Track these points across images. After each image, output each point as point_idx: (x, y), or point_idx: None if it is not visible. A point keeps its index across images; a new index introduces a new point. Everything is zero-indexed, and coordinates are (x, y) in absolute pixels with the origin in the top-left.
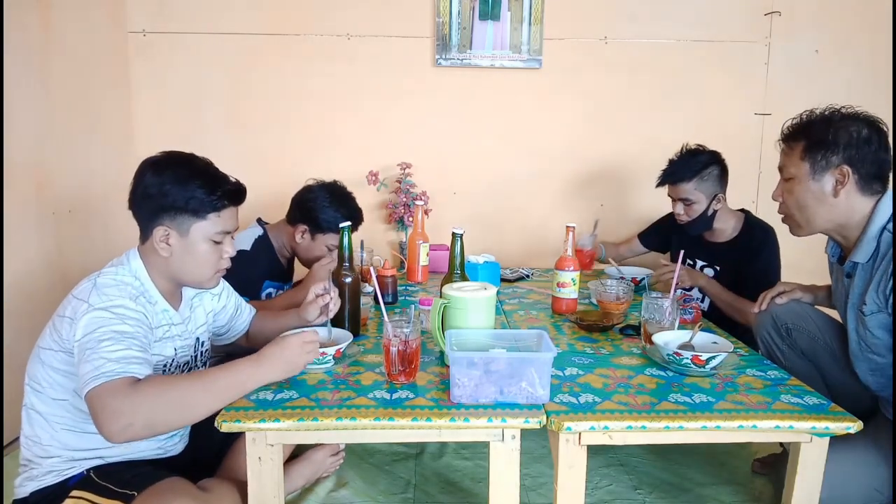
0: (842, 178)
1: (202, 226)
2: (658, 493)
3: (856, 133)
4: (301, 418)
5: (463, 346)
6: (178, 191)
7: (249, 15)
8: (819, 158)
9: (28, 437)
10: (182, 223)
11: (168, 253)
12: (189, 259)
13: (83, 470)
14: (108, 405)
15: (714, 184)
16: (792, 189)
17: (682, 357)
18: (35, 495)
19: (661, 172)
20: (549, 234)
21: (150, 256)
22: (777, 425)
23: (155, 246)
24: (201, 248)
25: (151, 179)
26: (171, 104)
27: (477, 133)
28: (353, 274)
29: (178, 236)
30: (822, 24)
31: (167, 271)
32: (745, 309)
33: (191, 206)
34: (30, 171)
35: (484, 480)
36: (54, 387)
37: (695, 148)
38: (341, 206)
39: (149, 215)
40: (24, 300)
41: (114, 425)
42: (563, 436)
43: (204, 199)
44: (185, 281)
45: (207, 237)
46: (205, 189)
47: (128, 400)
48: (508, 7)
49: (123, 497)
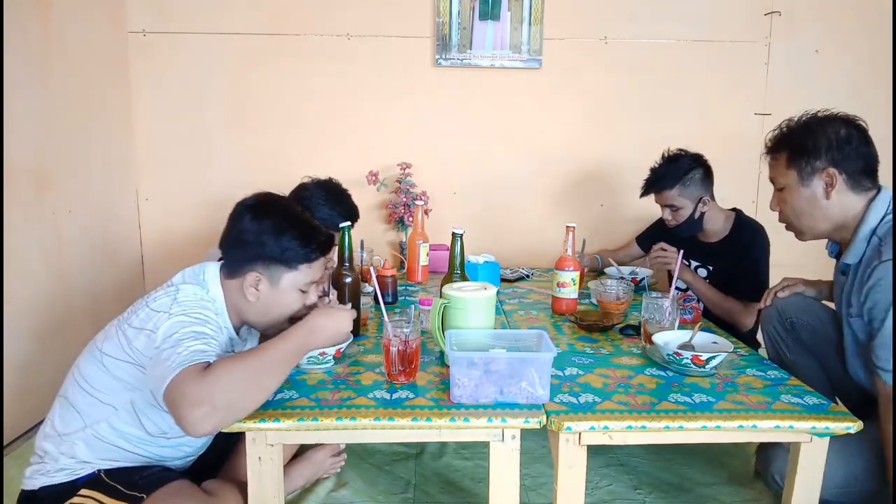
0: (830, 180)
1: (293, 276)
2: (658, 493)
3: (834, 134)
4: (301, 418)
5: (463, 346)
6: (274, 241)
7: (249, 15)
8: (804, 165)
9: (56, 430)
10: (275, 272)
11: (255, 298)
12: (275, 306)
13: (94, 470)
14: (185, 392)
15: (698, 188)
16: (786, 198)
17: (682, 357)
18: (44, 490)
19: (643, 182)
20: (549, 234)
21: (232, 292)
22: (777, 425)
23: (244, 289)
24: (289, 297)
25: (249, 225)
26: (171, 104)
27: (477, 133)
28: (353, 274)
29: (268, 284)
30: (822, 24)
31: (245, 312)
32: (729, 307)
33: (285, 257)
34: (30, 171)
35: (484, 480)
36: (110, 394)
37: (675, 154)
38: (337, 203)
39: (242, 259)
40: (24, 300)
41: (196, 412)
42: (563, 436)
43: (299, 251)
44: (257, 324)
45: (296, 286)
46: (300, 241)
47: (203, 383)
48: (508, 7)
49: (132, 499)
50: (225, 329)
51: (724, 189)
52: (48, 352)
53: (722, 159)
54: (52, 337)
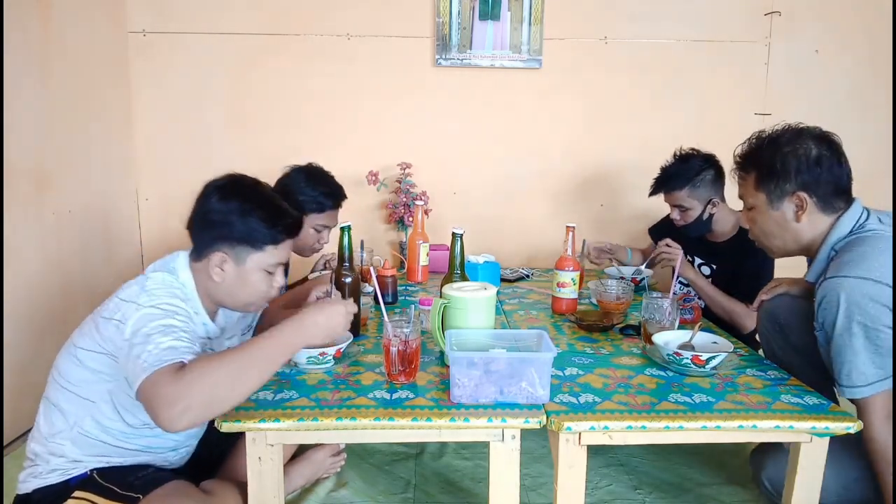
0: (800, 203)
1: (259, 257)
2: (658, 493)
3: (804, 156)
4: (301, 418)
5: (463, 346)
6: (241, 221)
7: (249, 15)
8: (773, 188)
9: (42, 433)
10: (240, 252)
11: (221, 279)
12: (241, 287)
13: (86, 470)
14: (160, 393)
15: (708, 189)
16: (755, 218)
17: (682, 357)
18: (38, 493)
19: (653, 181)
20: (549, 234)
21: (200, 274)
22: (777, 425)
23: (209, 269)
24: (255, 278)
25: (216, 205)
26: (171, 104)
27: (477, 133)
28: (353, 274)
29: (234, 264)
30: (822, 24)
31: (214, 294)
32: (731, 308)
33: (251, 237)
34: (30, 172)
35: (484, 480)
36: (87, 387)
37: (687, 153)
38: (319, 183)
39: (208, 239)
40: (23, 300)
41: (171, 411)
42: (563, 436)
43: (265, 232)
44: (229, 304)
45: (262, 267)
46: (266, 222)
47: (179, 384)
48: (508, 7)
49: (127, 500)
50: (197, 315)
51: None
52: (48, 352)
53: (722, 159)
54: (51, 337)
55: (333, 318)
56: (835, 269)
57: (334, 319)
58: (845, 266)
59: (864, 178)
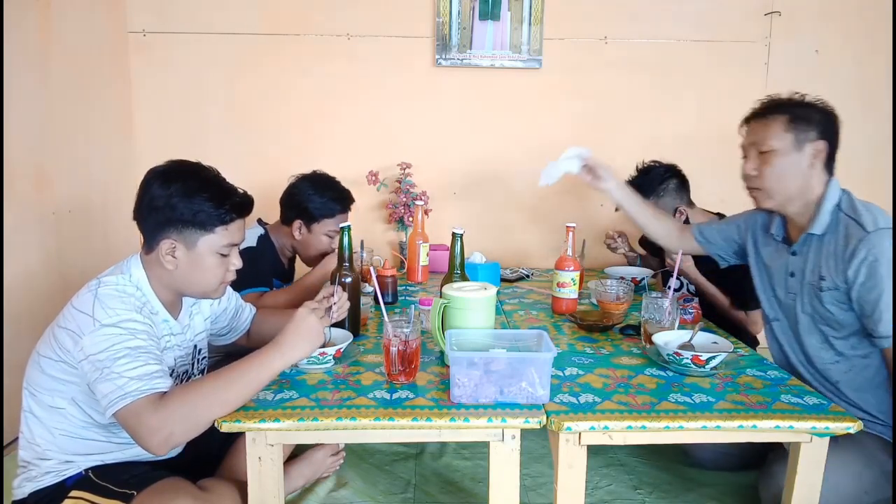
0: (817, 152)
1: (210, 239)
2: (658, 493)
3: (828, 111)
4: (301, 418)
5: (463, 346)
6: (185, 204)
7: (249, 15)
8: (802, 129)
9: (26, 440)
10: (189, 236)
11: (174, 266)
12: (196, 272)
13: (81, 469)
14: (143, 423)
15: (672, 197)
16: (772, 161)
17: (682, 357)
18: (34, 496)
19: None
20: (549, 234)
21: (153, 267)
22: (777, 425)
23: (160, 258)
24: (209, 261)
25: (158, 191)
26: (171, 104)
27: (477, 133)
28: (353, 274)
29: (184, 249)
30: (822, 24)
31: (171, 283)
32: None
33: (198, 219)
34: (30, 172)
35: (484, 480)
36: (52, 394)
37: (649, 165)
38: (327, 190)
39: (155, 227)
40: (23, 301)
41: (154, 440)
42: (563, 436)
43: (212, 213)
44: (189, 292)
45: (215, 250)
46: (212, 202)
47: (161, 414)
48: (508, 7)
49: (123, 497)
50: (155, 314)
51: (724, 189)
52: None
53: (722, 159)
54: None
55: (307, 329)
56: (872, 224)
57: (308, 330)
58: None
59: (864, 178)
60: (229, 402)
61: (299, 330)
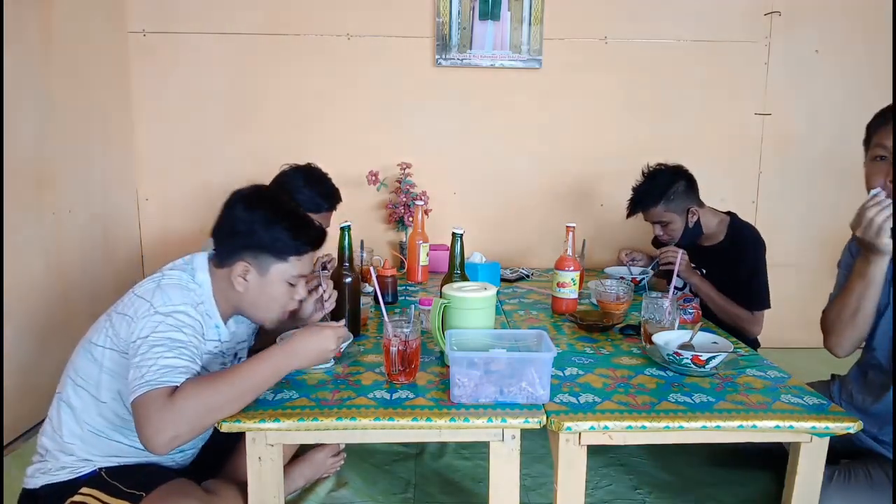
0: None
1: (282, 267)
2: (658, 493)
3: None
4: (301, 418)
5: (463, 346)
6: (265, 230)
7: (249, 15)
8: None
9: (53, 427)
10: (263, 262)
11: (244, 288)
12: (263, 297)
13: (95, 468)
14: (151, 419)
15: (682, 200)
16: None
17: (682, 357)
18: (45, 489)
19: (628, 202)
20: (549, 234)
21: (221, 281)
22: (777, 425)
23: (232, 278)
24: (277, 289)
25: (242, 215)
26: (172, 104)
27: (477, 133)
28: (353, 274)
29: (256, 274)
30: (822, 24)
31: (236, 302)
32: (736, 313)
33: (276, 246)
34: (30, 172)
35: (484, 480)
36: (99, 387)
37: (655, 169)
38: (316, 184)
39: (232, 248)
40: (23, 301)
41: (160, 439)
42: (563, 436)
43: (289, 242)
44: (249, 314)
45: (284, 279)
46: (291, 232)
47: (169, 413)
48: (508, 7)
49: (131, 497)
50: (210, 318)
51: (724, 189)
52: (48, 352)
53: (722, 159)
54: (51, 337)
55: (324, 342)
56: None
57: (324, 344)
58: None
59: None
60: (236, 404)
61: (317, 344)
